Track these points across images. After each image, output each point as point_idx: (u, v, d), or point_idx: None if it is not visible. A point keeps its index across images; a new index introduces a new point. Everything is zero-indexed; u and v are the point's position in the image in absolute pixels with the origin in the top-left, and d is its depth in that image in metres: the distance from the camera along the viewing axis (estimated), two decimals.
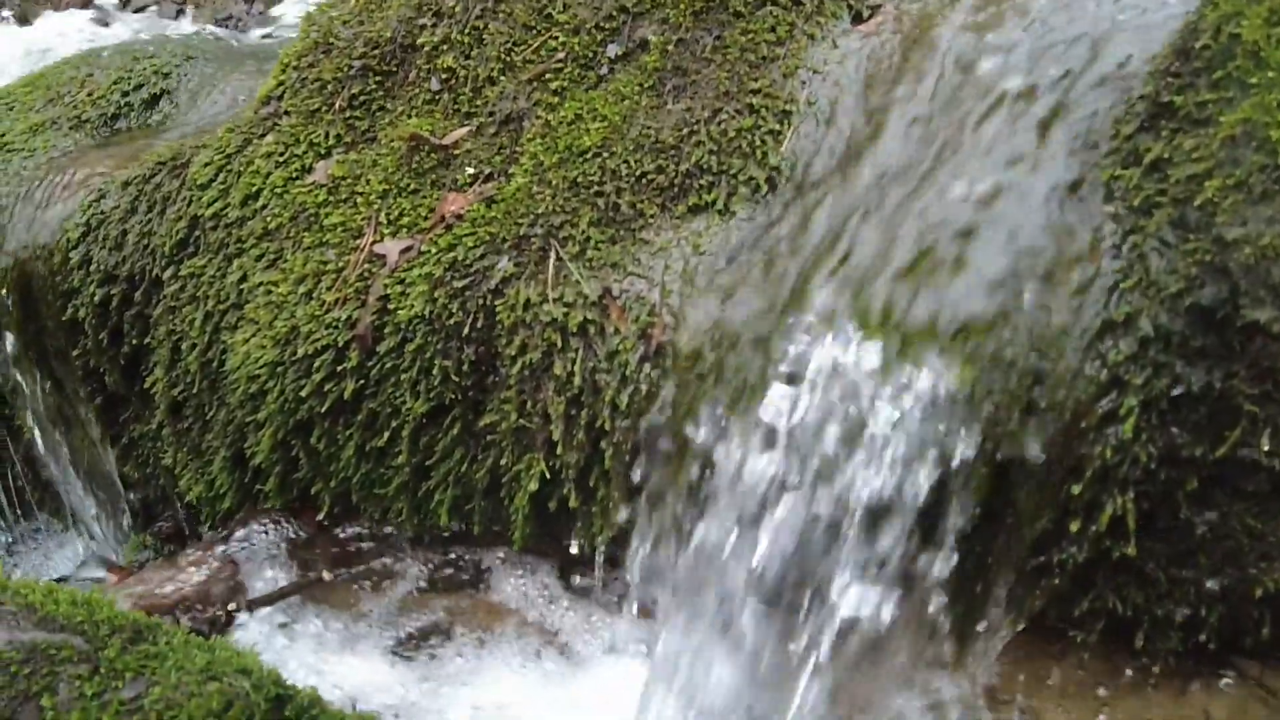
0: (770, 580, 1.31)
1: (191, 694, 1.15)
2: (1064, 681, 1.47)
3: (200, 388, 1.80)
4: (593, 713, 1.41)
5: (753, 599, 1.32)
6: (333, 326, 1.59)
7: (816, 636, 1.28)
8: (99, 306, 1.92)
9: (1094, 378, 1.26)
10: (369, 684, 1.48)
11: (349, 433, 1.66)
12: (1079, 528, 1.31)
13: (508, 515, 1.64)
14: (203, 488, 1.92)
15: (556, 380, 1.48)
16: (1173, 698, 1.44)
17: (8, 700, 1.15)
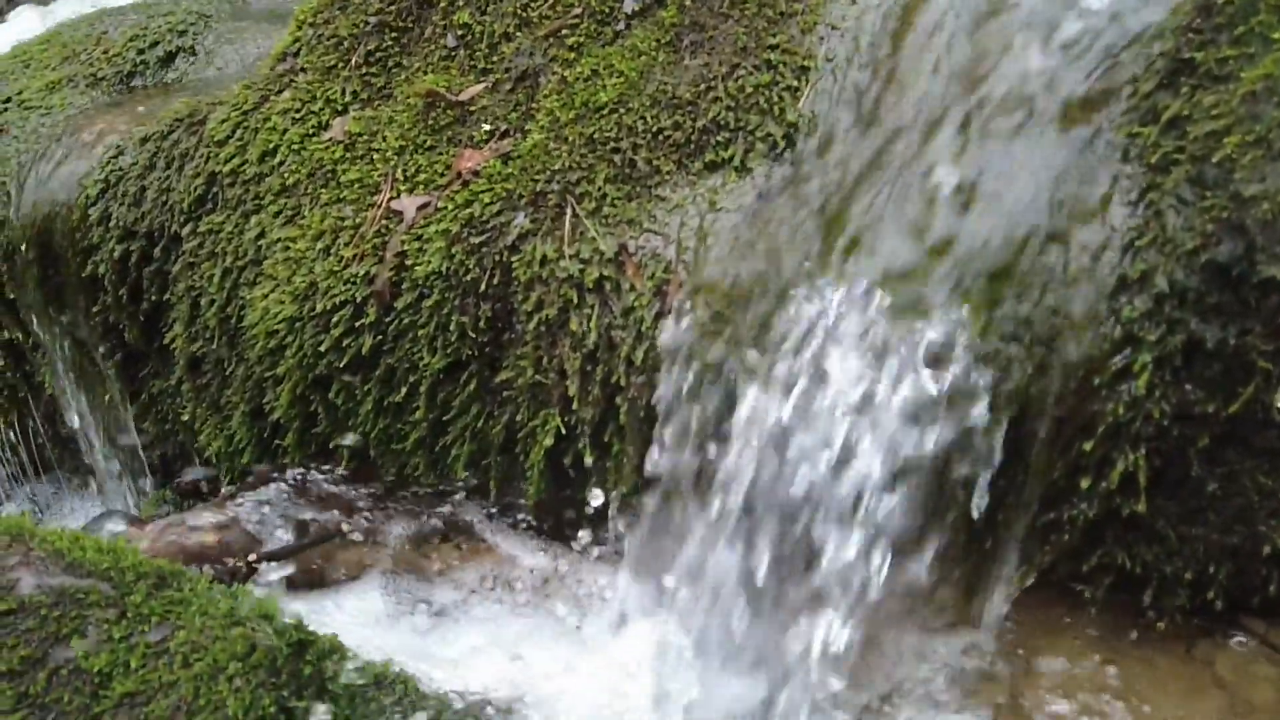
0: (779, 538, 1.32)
1: (216, 638, 1.18)
2: (1072, 638, 1.48)
3: (219, 343, 1.82)
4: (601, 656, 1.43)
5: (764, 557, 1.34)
6: (350, 282, 1.60)
7: (828, 587, 1.30)
8: (118, 263, 1.93)
9: (1108, 334, 1.26)
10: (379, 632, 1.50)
11: (367, 388, 1.67)
12: (1089, 484, 1.33)
13: (523, 471, 1.66)
14: (222, 443, 1.95)
15: (572, 336, 1.49)
16: (1179, 655, 1.46)
17: (39, 642, 1.18)
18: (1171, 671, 1.44)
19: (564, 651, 1.43)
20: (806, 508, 1.27)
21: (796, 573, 1.30)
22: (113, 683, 1.14)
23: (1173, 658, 1.45)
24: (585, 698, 1.34)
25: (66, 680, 1.15)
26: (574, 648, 1.45)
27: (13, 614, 1.19)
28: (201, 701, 1.11)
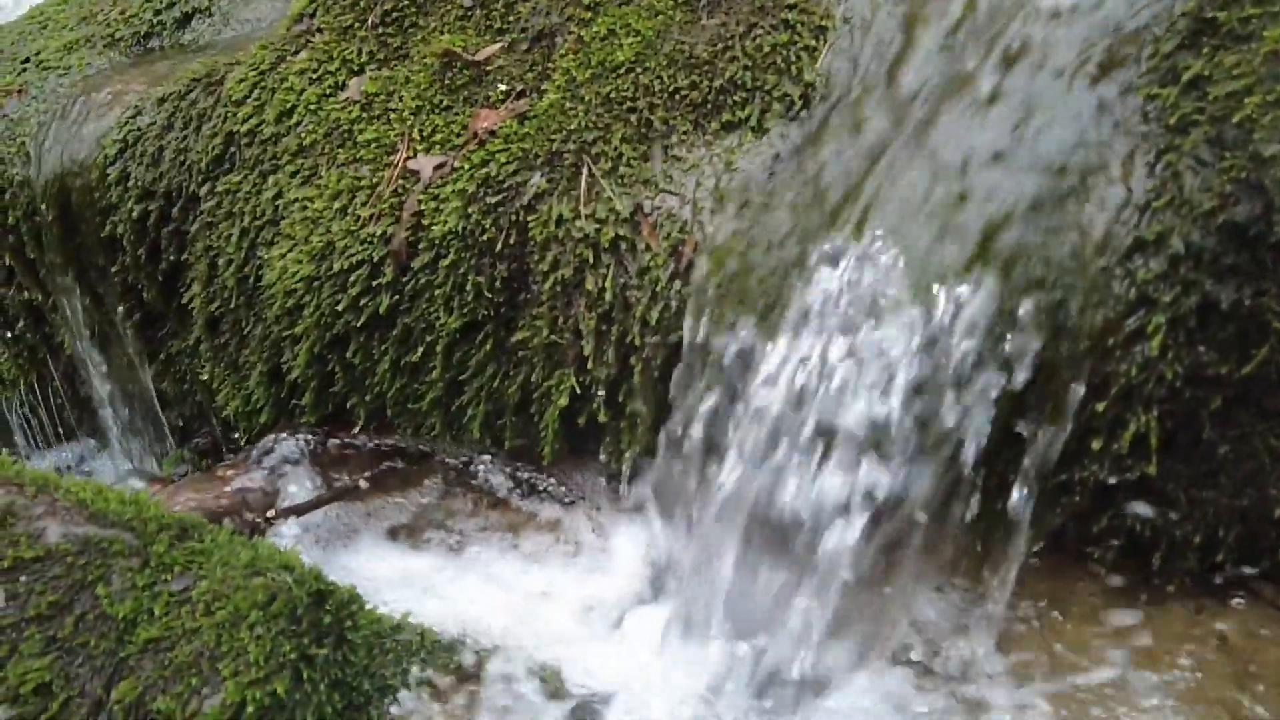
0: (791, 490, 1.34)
1: (237, 587, 1.20)
2: (1080, 599, 1.50)
3: (237, 303, 1.83)
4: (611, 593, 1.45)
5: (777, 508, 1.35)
6: (368, 242, 1.61)
7: (840, 545, 1.31)
8: (137, 223, 1.94)
9: (1122, 296, 1.26)
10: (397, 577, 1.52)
11: (384, 347, 1.68)
12: (1101, 446, 1.33)
13: (538, 431, 1.67)
14: (240, 402, 1.96)
15: (588, 296, 1.50)
16: (1187, 616, 1.46)
17: (65, 588, 1.20)
18: (1179, 634, 1.45)
19: (575, 596, 1.45)
20: (819, 465, 1.28)
21: (807, 529, 1.31)
22: (137, 629, 1.17)
23: (1180, 620, 1.46)
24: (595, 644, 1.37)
25: (93, 625, 1.17)
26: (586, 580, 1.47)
27: (40, 561, 1.22)
28: (224, 648, 1.14)
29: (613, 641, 1.40)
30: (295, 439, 1.86)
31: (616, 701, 1.27)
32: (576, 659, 1.34)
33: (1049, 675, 1.40)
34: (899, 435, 1.30)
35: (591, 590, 1.51)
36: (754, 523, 1.33)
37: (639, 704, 1.27)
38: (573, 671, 1.30)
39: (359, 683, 1.21)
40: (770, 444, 1.32)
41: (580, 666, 1.32)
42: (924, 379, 1.27)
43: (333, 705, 1.15)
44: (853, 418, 1.30)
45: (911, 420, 1.30)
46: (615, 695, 1.28)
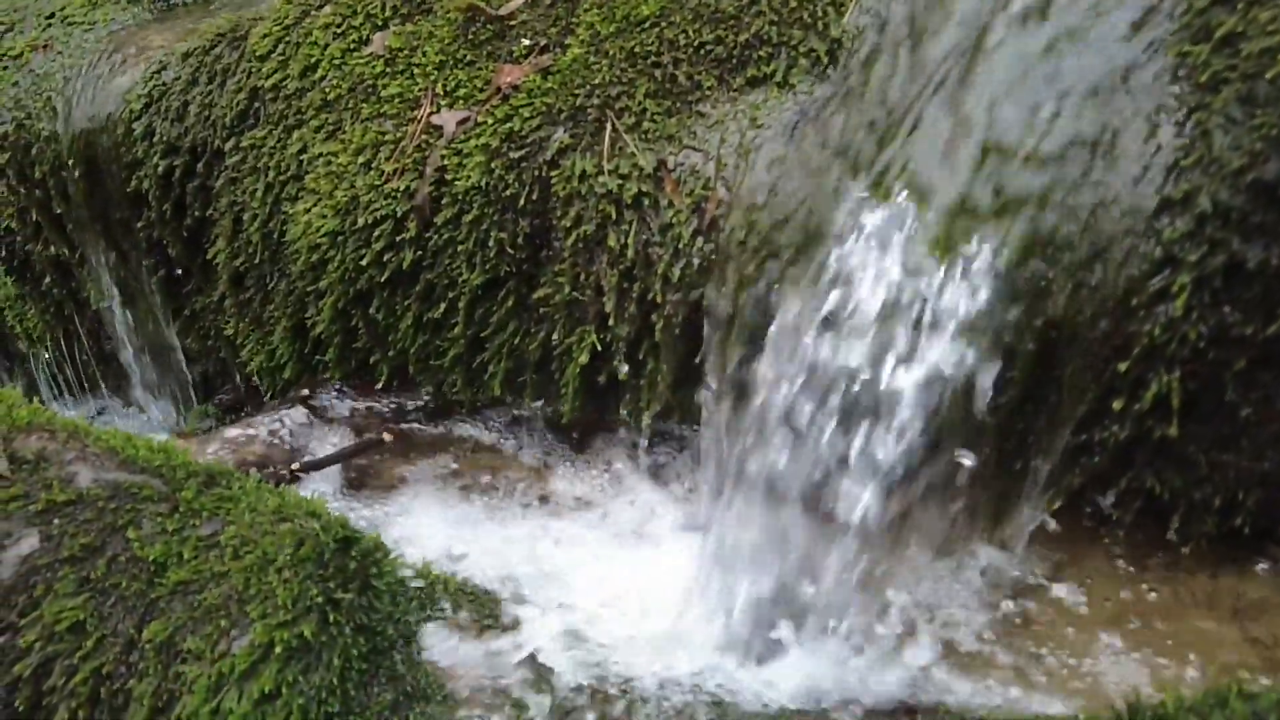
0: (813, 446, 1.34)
1: (265, 532, 1.22)
2: (1098, 561, 1.50)
3: (262, 258, 1.85)
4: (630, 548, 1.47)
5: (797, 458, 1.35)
6: (391, 197, 1.62)
7: (857, 500, 1.32)
8: (162, 178, 1.95)
9: (1148, 255, 1.26)
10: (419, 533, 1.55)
11: (407, 303, 1.70)
12: (1122, 406, 1.33)
13: (558, 389, 1.68)
14: (264, 358, 1.98)
15: (610, 253, 1.50)
16: (1205, 579, 1.47)
17: (97, 531, 1.23)
18: (1195, 598, 1.45)
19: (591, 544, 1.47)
20: (838, 419, 1.29)
21: (825, 481, 1.32)
22: (167, 571, 1.20)
23: (1197, 584, 1.47)
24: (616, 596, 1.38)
25: (124, 567, 1.20)
26: (601, 545, 1.49)
27: (72, 505, 1.24)
28: (252, 591, 1.16)
29: (634, 596, 1.41)
30: (318, 395, 1.89)
31: (636, 648, 1.28)
32: (597, 609, 1.36)
33: (1057, 635, 1.41)
34: (917, 392, 1.30)
35: (611, 547, 1.52)
36: (779, 479, 1.34)
37: (658, 652, 1.29)
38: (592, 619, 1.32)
39: (383, 628, 1.23)
40: (794, 401, 1.32)
41: (600, 617, 1.34)
42: (946, 335, 1.27)
43: (358, 648, 1.18)
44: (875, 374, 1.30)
45: (928, 381, 1.30)
46: (635, 643, 1.30)
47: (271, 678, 1.09)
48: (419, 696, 1.20)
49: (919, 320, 1.28)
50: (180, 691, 1.12)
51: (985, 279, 1.27)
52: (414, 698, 1.19)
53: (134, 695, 1.14)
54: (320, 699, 1.11)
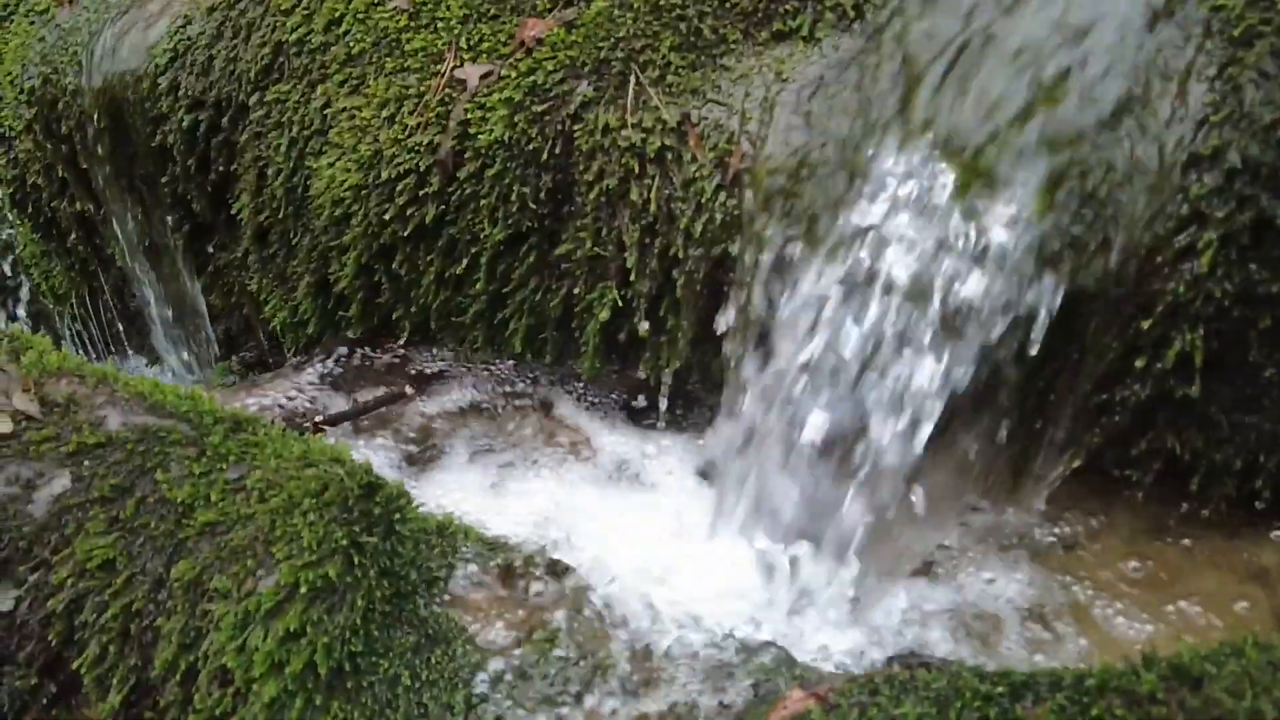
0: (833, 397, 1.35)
1: (290, 476, 1.24)
2: (1115, 521, 1.51)
3: (285, 213, 1.85)
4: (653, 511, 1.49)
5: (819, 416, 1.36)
6: (415, 151, 1.62)
7: (878, 455, 1.33)
8: (187, 133, 1.96)
9: (1174, 212, 1.25)
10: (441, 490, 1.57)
11: (429, 259, 1.70)
12: (1144, 365, 1.33)
13: (578, 346, 1.69)
14: (287, 314, 2.00)
15: (632, 207, 1.50)
16: (1221, 543, 1.47)
17: (126, 473, 1.25)
18: (1210, 560, 1.46)
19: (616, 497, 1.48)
20: (862, 371, 1.29)
21: (846, 438, 1.33)
22: (195, 513, 1.22)
23: (1213, 547, 1.47)
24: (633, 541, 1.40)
25: (153, 508, 1.22)
26: (618, 498, 1.51)
27: (102, 447, 1.27)
28: (278, 532, 1.18)
29: (653, 541, 1.43)
30: (341, 351, 1.90)
31: (656, 592, 1.30)
32: (618, 553, 1.37)
33: (1070, 593, 1.42)
34: (936, 349, 1.31)
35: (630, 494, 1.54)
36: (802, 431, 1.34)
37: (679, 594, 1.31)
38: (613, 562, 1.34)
39: (407, 573, 1.25)
40: (816, 356, 1.33)
41: (621, 559, 1.36)
42: (970, 291, 1.27)
43: (382, 591, 1.19)
44: (896, 332, 1.31)
45: (950, 336, 1.30)
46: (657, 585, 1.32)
47: (296, 616, 1.11)
48: (441, 640, 1.22)
49: (944, 275, 1.28)
50: (207, 629, 1.14)
51: (1010, 235, 1.27)
52: (436, 641, 1.21)
53: (162, 632, 1.16)
54: (344, 639, 1.13)
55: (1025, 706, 1.03)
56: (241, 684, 1.10)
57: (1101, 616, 1.40)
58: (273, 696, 1.08)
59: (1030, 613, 1.41)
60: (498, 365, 1.87)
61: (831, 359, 1.33)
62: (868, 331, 1.31)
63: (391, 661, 1.17)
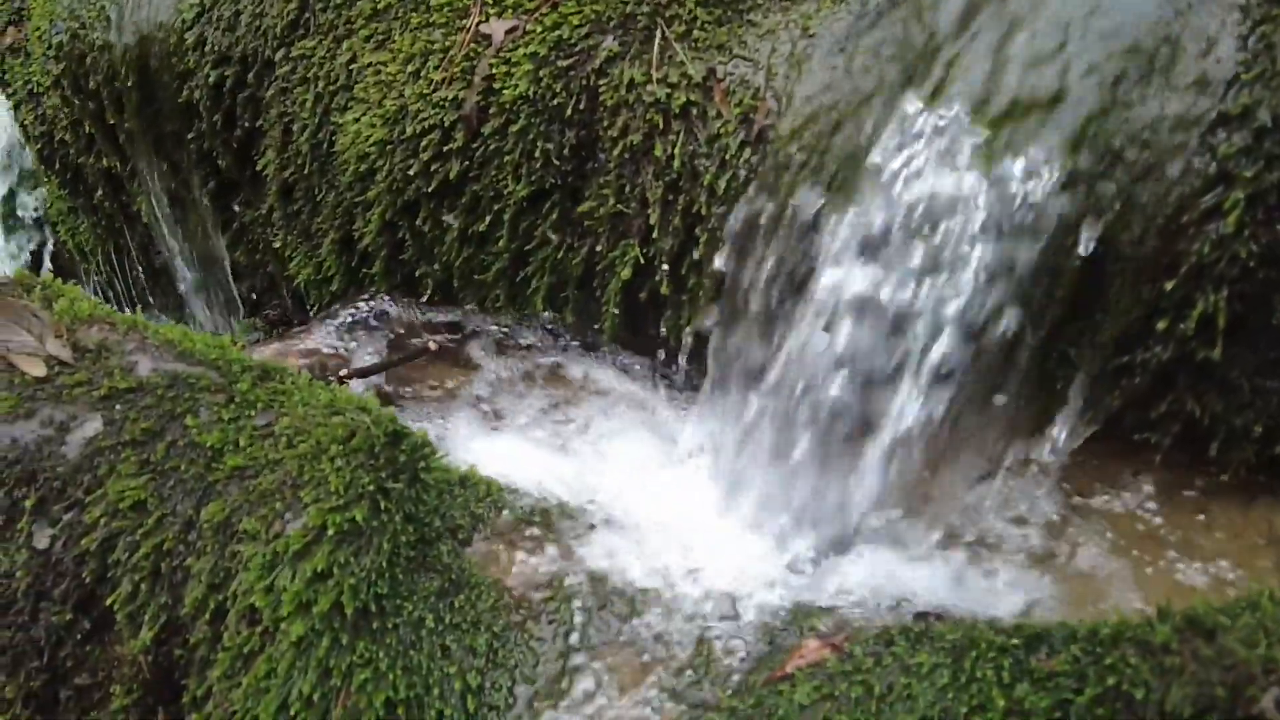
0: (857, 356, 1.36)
1: (318, 424, 1.26)
2: (1131, 485, 1.51)
3: (311, 169, 1.87)
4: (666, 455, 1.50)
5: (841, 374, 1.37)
6: (439, 106, 1.63)
7: (899, 414, 1.33)
8: (213, 89, 1.97)
9: (1201, 171, 1.24)
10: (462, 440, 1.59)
11: (453, 215, 1.71)
12: (1166, 327, 1.33)
13: (599, 305, 1.70)
14: (311, 270, 2.02)
15: (656, 163, 1.51)
16: (1237, 509, 1.47)
17: (157, 417, 1.27)
18: (1228, 525, 1.46)
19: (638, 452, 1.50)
20: (885, 328, 1.30)
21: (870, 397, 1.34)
22: (224, 457, 1.24)
23: (1230, 512, 1.47)
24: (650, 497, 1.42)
25: (183, 452, 1.25)
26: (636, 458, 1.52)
27: (133, 392, 1.29)
28: (306, 477, 1.20)
29: (668, 497, 1.44)
30: (365, 307, 1.92)
31: (672, 544, 1.32)
32: (633, 506, 1.39)
33: (1088, 554, 1.43)
34: (959, 310, 1.31)
35: (647, 451, 1.55)
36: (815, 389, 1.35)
37: (697, 553, 1.32)
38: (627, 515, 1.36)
39: (431, 520, 1.27)
40: (837, 312, 1.33)
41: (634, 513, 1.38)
42: (993, 248, 1.27)
43: (406, 536, 1.22)
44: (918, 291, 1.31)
45: (975, 296, 1.30)
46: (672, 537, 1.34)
47: (324, 558, 1.14)
48: (464, 585, 1.24)
49: (966, 234, 1.28)
50: (236, 569, 1.17)
51: (1037, 192, 1.27)
52: (460, 586, 1.24)
53: (192, 571, 1.19)
54: (370, 580, 1.16)
55: (1040, 658, 1.05)
56: (270, 623, 1.12)
57: (1115, 578, 1.41)
58: (300, 635, 1.11)
59: (1044, 572, 1.42)
60: (517, 326, 1.89)
61: (854, 316, 1.33)
62: (889, 289, 1.31)
63: (416, 605, 1.19)
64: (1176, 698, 0.90)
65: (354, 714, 1.10)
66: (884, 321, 1.32)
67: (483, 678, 1.16)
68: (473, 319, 1.88)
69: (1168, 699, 0.91)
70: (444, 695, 1.15)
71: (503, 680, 1.17)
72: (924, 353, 1.33)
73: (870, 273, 1.32)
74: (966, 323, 1.31)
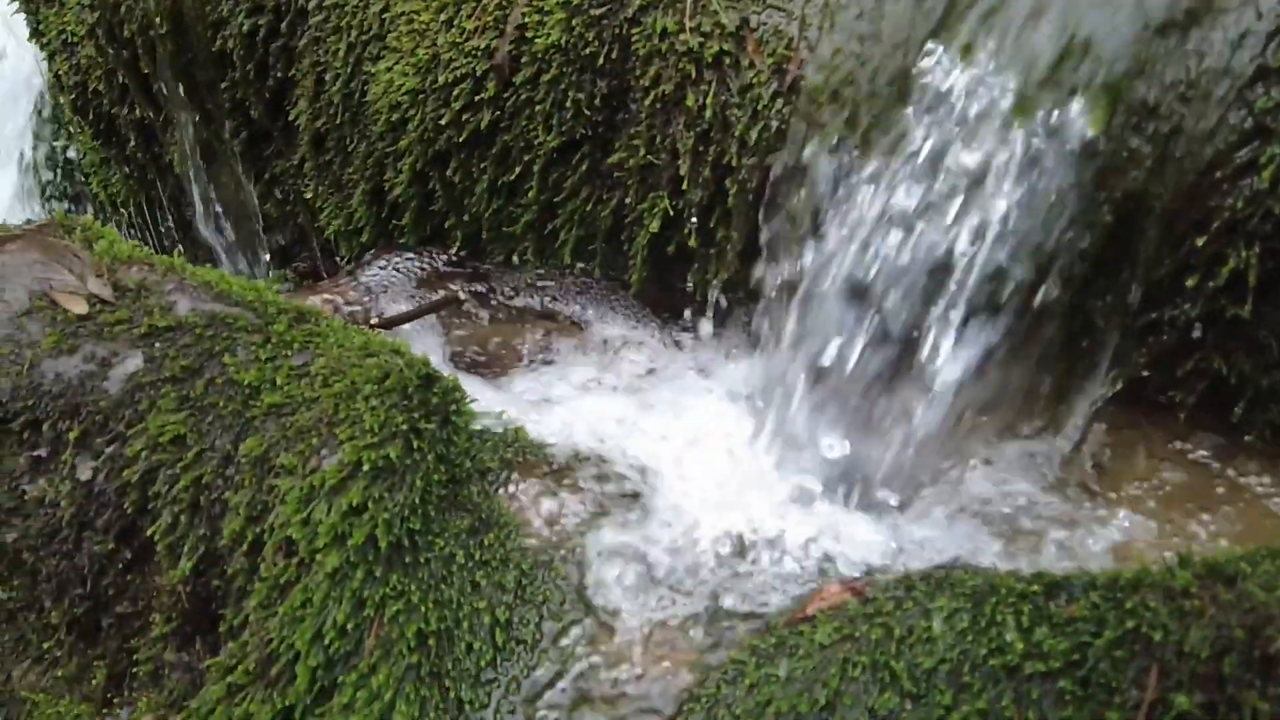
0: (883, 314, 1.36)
1: (353, 365, 1.29)
2: (1154, 445, 1.51)
3: (342, 119, 1.88)
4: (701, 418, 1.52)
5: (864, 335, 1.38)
6: (471, 55, 1.64)
7: (925, 373, 1.34)
8: (246, 37, 1.98)
9: (1237, 126, 1.24)
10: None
11: (483, 166, 1.73)
12: (1195, 283, 1.33)
13: (627, 259, 1.71)
14: (342, 222, 2.04)
15: (687, 114, 1.51)
16: (1261, 470, 1.47)
17: (195, 355, 1.30)
18: (1250, 487, 1.46)
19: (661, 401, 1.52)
20: (914, 282, 1.31)
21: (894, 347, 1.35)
22: (261, 395, 1.27)
23: (1253, 475, 1.47)
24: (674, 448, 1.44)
25: (221, 389, 1.27)
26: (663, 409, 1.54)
27: (172, 330, 1.32)
28: (341, 415, 1.23)
29: (691, 445, 1.46)
30: (395, 258, 1.94)
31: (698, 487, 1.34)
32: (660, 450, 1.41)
33: (1110, 513, 1.44)
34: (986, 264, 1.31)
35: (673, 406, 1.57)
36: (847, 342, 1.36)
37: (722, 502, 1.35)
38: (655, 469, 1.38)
39: (461, 461, 1.30)
40: (866, 265, 1.34)
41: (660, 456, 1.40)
42: (1022, 202, 1.27)
43: (438, 475, 1.24)
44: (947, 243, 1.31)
45: (1003, 251, 1.31)
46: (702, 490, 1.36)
47: (359, 493, 1.17)
48: (494, 525, 1.27)
49: (994, 186, 1.28)
50: (273, 502, 1.20)
51: (1068, 146, 1.26)
52: (489, 525, 1.27)
53: (230, 504, 1.22)
54: (403, 516, 1.19)
55: (1059, 604, 1.06)
56: (306, 554, 1.16)
57: (1135, 536, 1.42)
58: (335, 567, 1.14)
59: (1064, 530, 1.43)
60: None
61: (884, 267, 1.34)
62: (918, 242, 1.31)
63: (447, 541, 1.22)
64: (1195, 639, 0.92)
65: (386, 644, 1.13)
66: (911, 273, 1.33)
67: (511, 613, 1.19)
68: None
69: (1186, 640, 0.92)
70: (473, 629, 1.18)
71: (530, 616, 1.20)
72: (950, 309, 1.34)
73: (896, 224, 1.33)
74: (994, 278, 1.32)
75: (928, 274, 1.34)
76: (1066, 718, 0.97)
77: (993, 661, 1.03)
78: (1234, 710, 0.88)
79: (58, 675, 1.32)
